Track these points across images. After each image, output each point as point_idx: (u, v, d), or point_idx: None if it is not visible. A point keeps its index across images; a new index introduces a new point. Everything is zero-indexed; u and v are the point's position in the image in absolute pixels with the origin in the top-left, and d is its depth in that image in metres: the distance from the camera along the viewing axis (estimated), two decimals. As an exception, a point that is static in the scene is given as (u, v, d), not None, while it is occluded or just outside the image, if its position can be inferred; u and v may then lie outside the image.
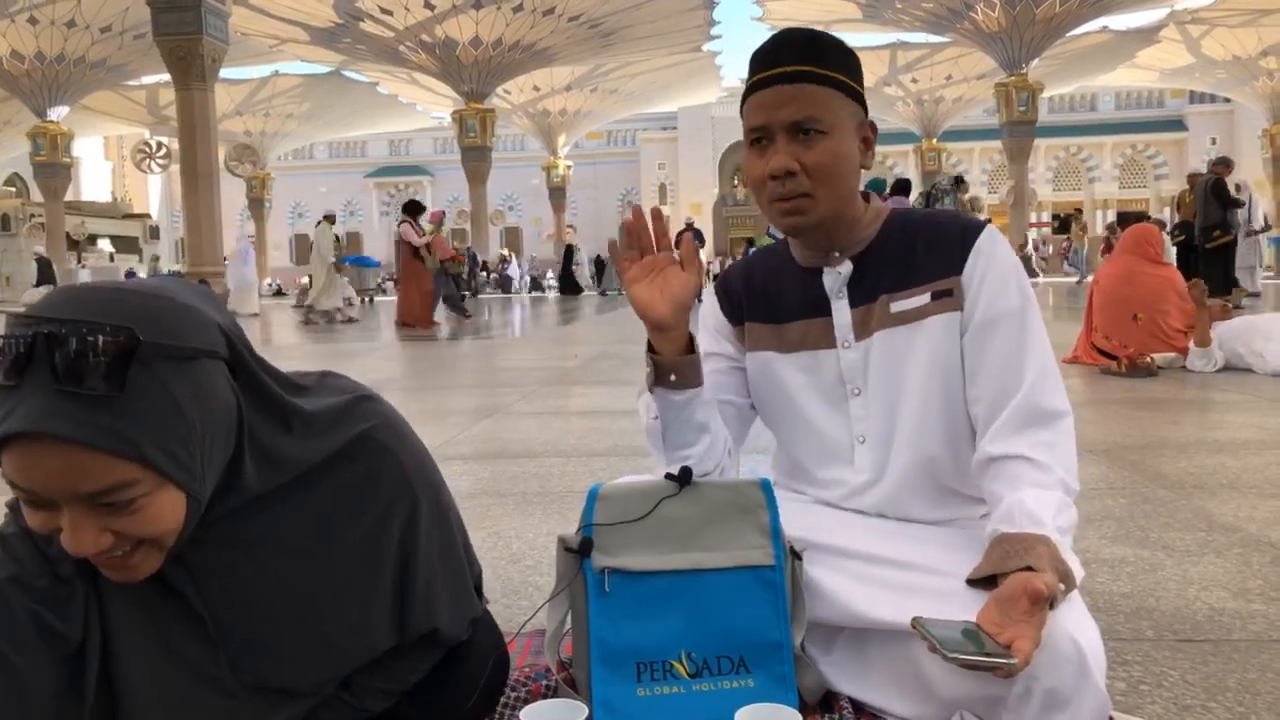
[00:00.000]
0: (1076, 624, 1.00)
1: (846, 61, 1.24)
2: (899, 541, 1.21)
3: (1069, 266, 22.60)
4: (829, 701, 1.24)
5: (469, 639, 1.12)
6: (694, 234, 20.07)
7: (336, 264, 13.78)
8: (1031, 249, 23.72)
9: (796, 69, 1.20)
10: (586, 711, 1.03)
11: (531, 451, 3.49)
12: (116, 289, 0.82)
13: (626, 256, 1.23)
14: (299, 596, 0.95)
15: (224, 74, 21.35)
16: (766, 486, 1.23)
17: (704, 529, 1.21)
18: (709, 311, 1.42)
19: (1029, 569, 1.00)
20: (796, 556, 1.21)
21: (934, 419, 1.24)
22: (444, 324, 12.12)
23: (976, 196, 12.99)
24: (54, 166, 29.36)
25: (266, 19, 26.02)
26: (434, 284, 12.10)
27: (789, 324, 1.33)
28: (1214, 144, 38.84)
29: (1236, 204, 11.02)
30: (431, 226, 12.21)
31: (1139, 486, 2.72)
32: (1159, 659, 1.51)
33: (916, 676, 1.13)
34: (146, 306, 0.80)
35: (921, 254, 1.26)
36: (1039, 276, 23.59)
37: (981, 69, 31.49)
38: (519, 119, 36.49)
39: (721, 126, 42.60)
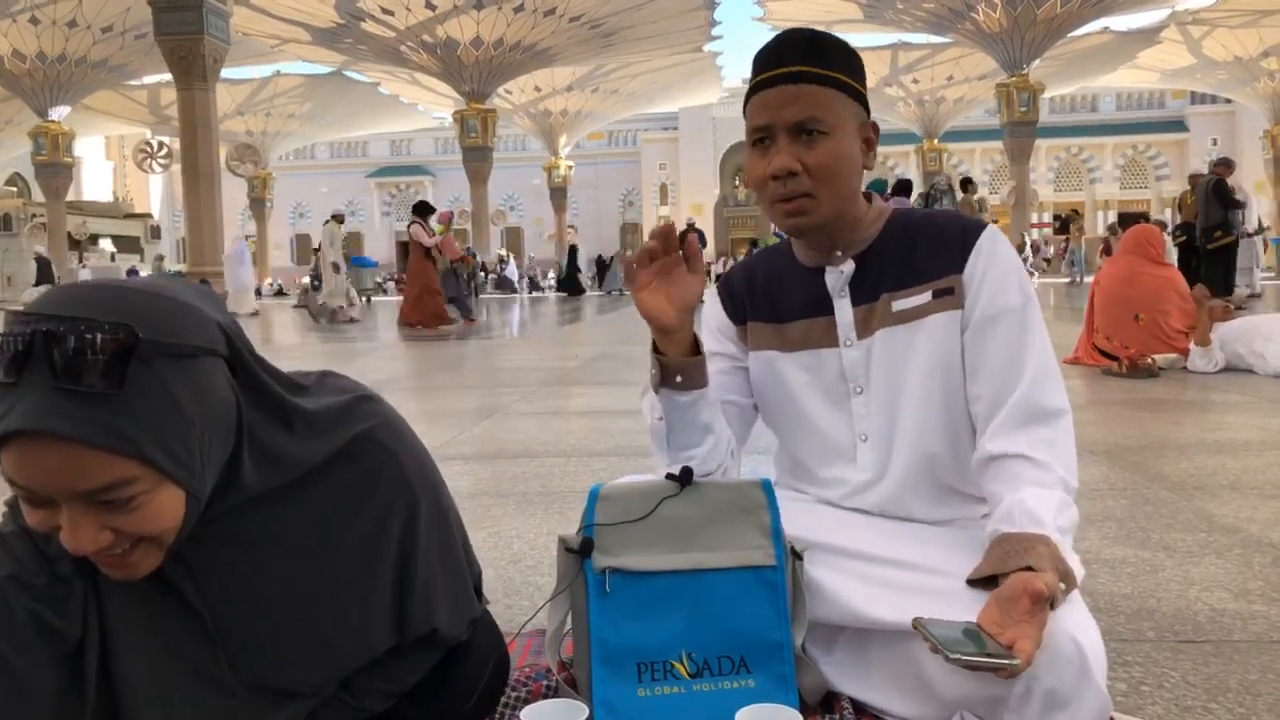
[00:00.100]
0: (1077, 624, 1.00)
1: (849, 62, 1.24)
2: (900, 541, 1.21)
3: (1069, 268, 22.53)
4: (830, 702, 1.23)
5: (469, 639, 1.12)
6: (696, 235, 20.13)
7: (335, 264, 13.79)
8: (1030, 250, 23.56)
9: (799, 69, 1.20)
10: (587, 711, 1.03)
11: (532, 452, 3.48)
12: (116, 287, 0.82)
13: (646, 271, 1.20)
14: (298, 596, 0.95)
15: (225, 74, 21.38)
16: (767, 486, 1.23)
17: (705, 529, 1.21)
18: (711, 312, 1.42)
19: (1029, 569, 1.00)
20: (797, 557, 1.21)
21: (935, 417, 1.24)
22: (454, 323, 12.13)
23: (983, 198, 12.96)
24: (55, 166, 29.38)
25: (268, 19, 26.03)
26: (443, 284, 12.12)
27: (791, 323, 1.33)
28: (1215, 145, 38.83)
29: (1238, 204, 11.01)
30: (441, 227, 12.22)
31: (1140, 487, 2.72)
32: (1160, 660, 1.51)
33: (917, 677, 1.13)
34: (146, 304, 0.80)
35: (923, 253, 1.26)
36: (1034, 277, 23.49)
37: (983, 69, 31.49)
38: (520, 119, 36.50)
39: (723, 127, 42.59)
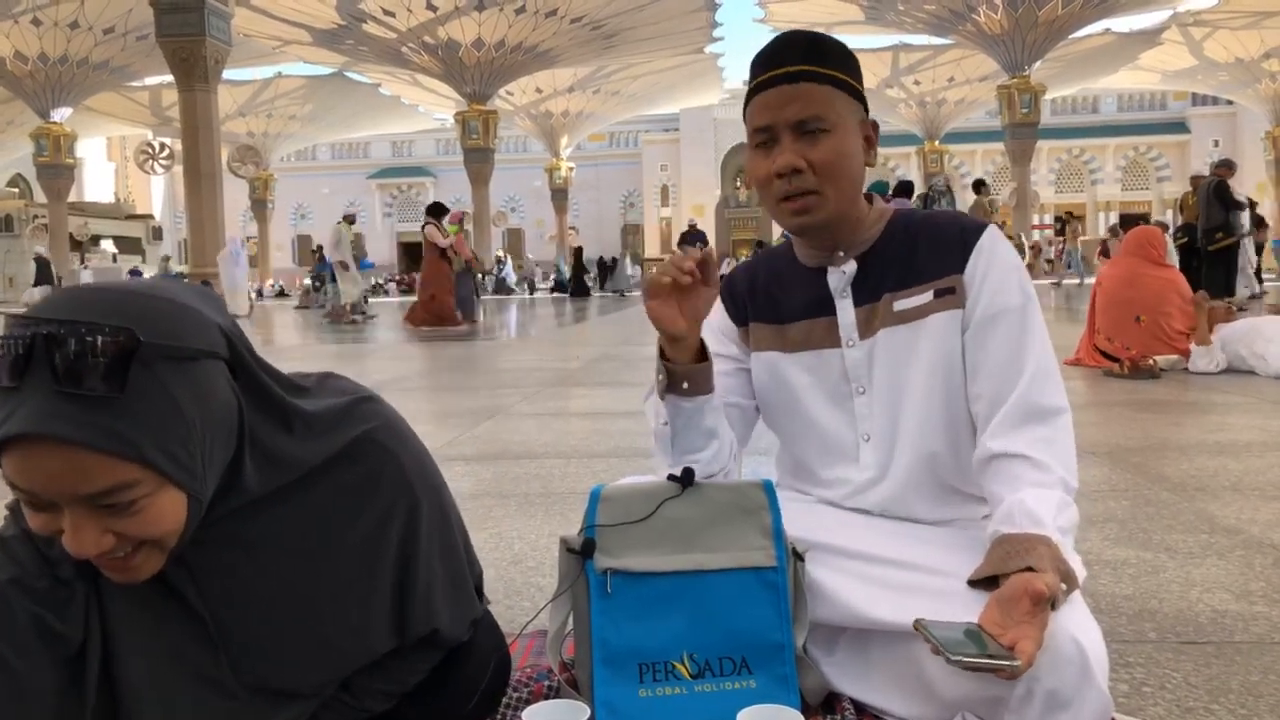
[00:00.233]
0: (1078, 625, 1.00)
1: (847, 62, 1.25)
2: (901, 542, 1.21)
3: (1065, 269, 22.41)
4: (831, 702, 1.23)
5: (470, 640, 1.12)
6: (698, 235, 20.13)
7: (343, 264, 13.77)
8: (1029, 252, 23.37)
9: (800, 69, 1.21)
10: (589, 712, 1.03)
11: (533, 453, 3.48)
12: (117, 290, 0.81)
13: (666, 286, 1.19)
14: (300, 597, 0.95)
15: (227, 75, 21.41)
16: (769, 487, 1.23)
17: (706, 530, 1.21)
18: (713, 313, 1.42)
19: (1030, 570, 1.00)
20: (798, 557, 1.21)
21: (936, 416, 1.24)
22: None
23: (994, 199, 12.94)
24: (57, 167, 29.40)
25: (269, 20, 26.05)
26: (457, 284, 12.12)
27: (793, 324, 1.33)
28: (1216, 146, 38.81)
29: (1239, 206, 11.01)
30: (454, 227, 12.22)
31: (1141, 488, 2.71)
32: (1161, 661, 1.51)
33: (918, 677, 1.13)
34: (146, 307, 0.80)
35: (924, 253, 1.26)
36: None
37: (984, 71, 31.48)
38: (521, 120, 36.50)
39: (724, 128, 42.59)
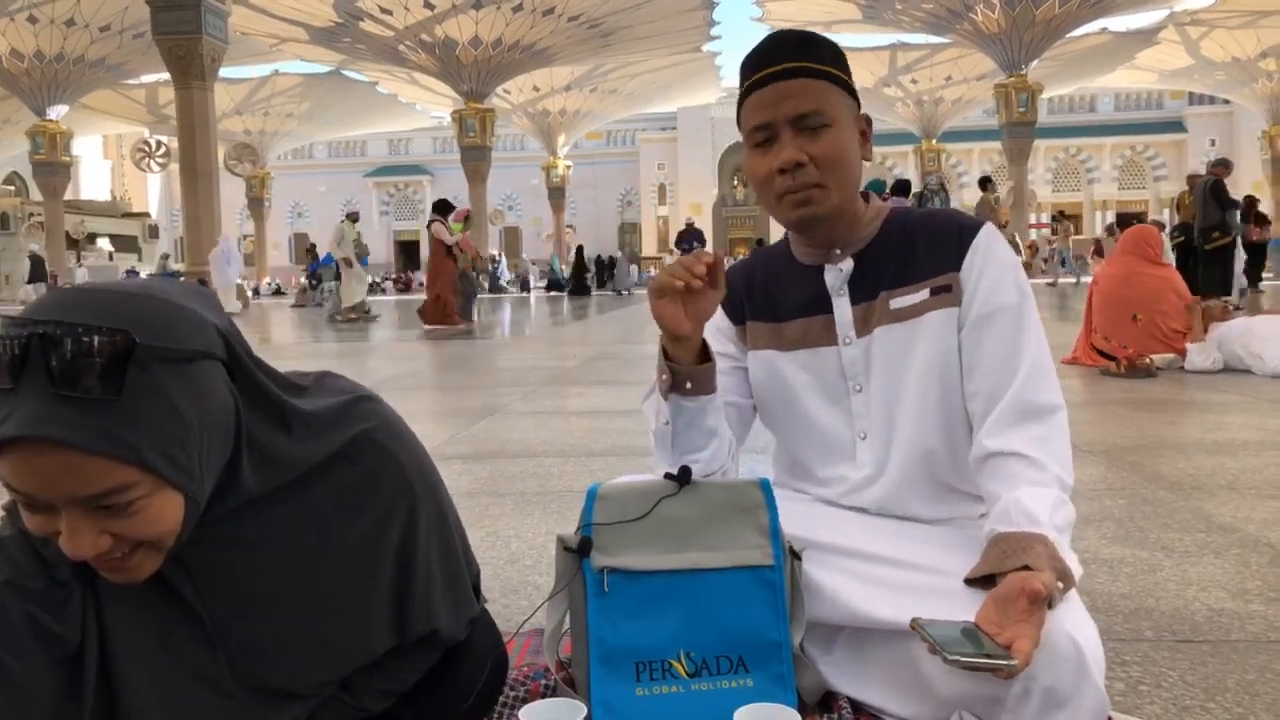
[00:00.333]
0: (1075, 623, 1.00)
1: (839, 58, 1.26)
2: (898, 541, 1.21)
3: (1058, 268, 22.25)
4: (828, 701, 1.24)
5: (467, 639, 1.12)
6: (696, 234, 20.15)
7: (347, 260, 13.73)
8: (1025, 251, 23.18)
9: (797, 65, 1.22)
10: (585, 711, 1.03)
11: (530, 451, 3.48)
12: (113, 291, 0.81)
13: (675, 289, 1.18)
14: (298, 597, 0.95)
15: (223, 73, 21.37)
16: (766, 486, 1.23)
17: (703, 529, 1.21)
18: None
19: (1027, 568, 1.00)
20: (796, 556, 1.21)
21: (932, 414, 1.24)
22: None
23: (1000, 196, 12.91)
24: (53, 165, 29.35)
25: (266, 18, 26.02)
26: (461, 283, 12.11)
27: (789, 322, 1.33)
28: (1213, 145, 38.87)
29: (1235, 205, 11.04)
30: (459, 225, 12.20)
31: (1138, 487, 2.72)
32: (1158, 659, 1.51)
33: (915, 676, 1.13)
34: (143, 308, 0.80)
35: (921, 251, 1.27)
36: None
37: (981, 70, 31.52)
38: (518, 119, 36.48)
39: (721, 127, 42.60)
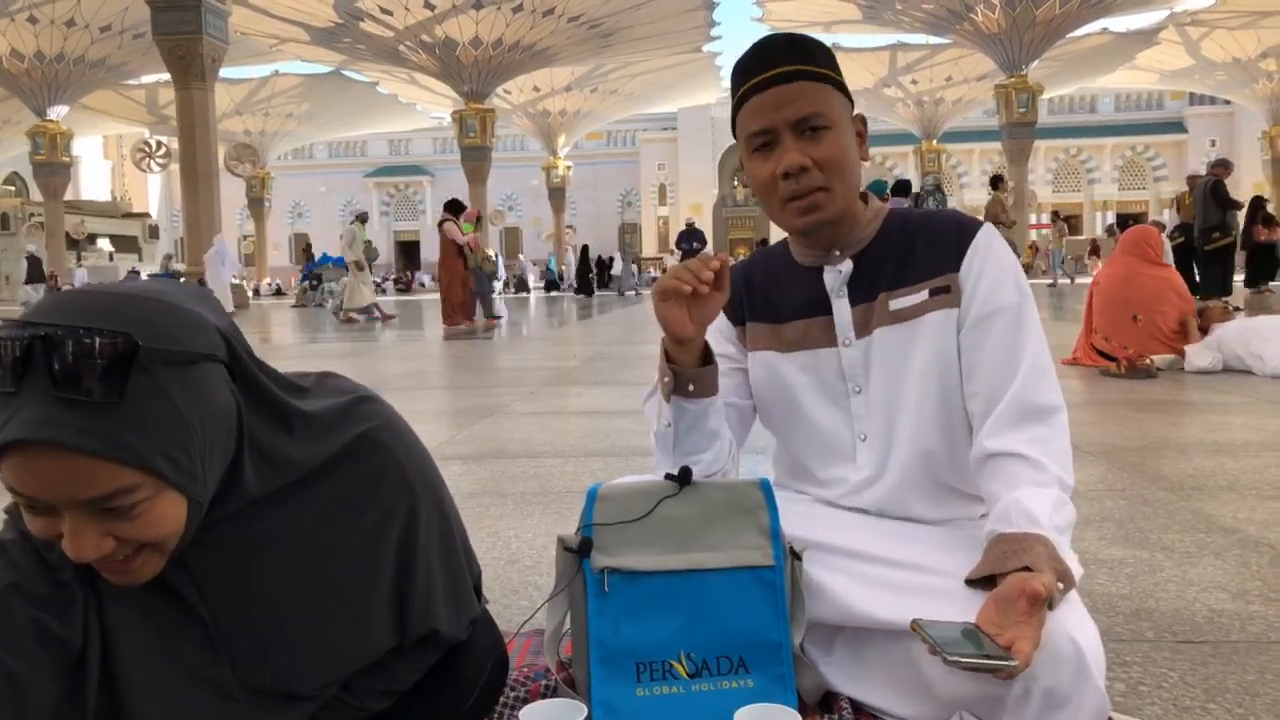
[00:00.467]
0: (1075, 624, 1.00)
1: (832, 60, 1.26)
2: (898, 541, 1.21)
3: (1054, 269, 22.11)
4: (828, 702, 1.24)
5: (468, 639, 1.11)
6: (696, 234, 20.14)
7: (358, 263, 13.71)
8: (1026, 251, 22.99)
9: (795, 68, 1.21)
10: (586, 711, 1.03)
11: (531, 451, 3.48)
12: (114, 293, 0.81)
13: (681, 293, 1.19)
14: (300, 598, 0.95)
15: (224, 73, 21.36)
16: (766, 487, 1.23)
17: (704, 529, 1.21)
18: None
19: (1027, 569, 1.00)
20: (796, 557, 1.21)
21: (932, 415, 1.24)
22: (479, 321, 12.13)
23: (1006, 195, 12.85)
24: (53, 166, 29.36)
25: (266, 18, 26.02)
26: (472, 282, 12.10)
27: (788, 323, 1.33)
28: (1213, 146, 38.90)
29: (1235, 206, 11.04)
30: (469, 225, 12.20)
31: (1138, 488, 2.72)
32: (1158, 660, 1.51)
33: (916, 677, 1.13)
34: (145, 310, 0.79)
35: (920, 252, 1.27)
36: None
37: (981, 70, 31.51)
38: (519, 119, 36.48)
39: (721, 127, 42.55)
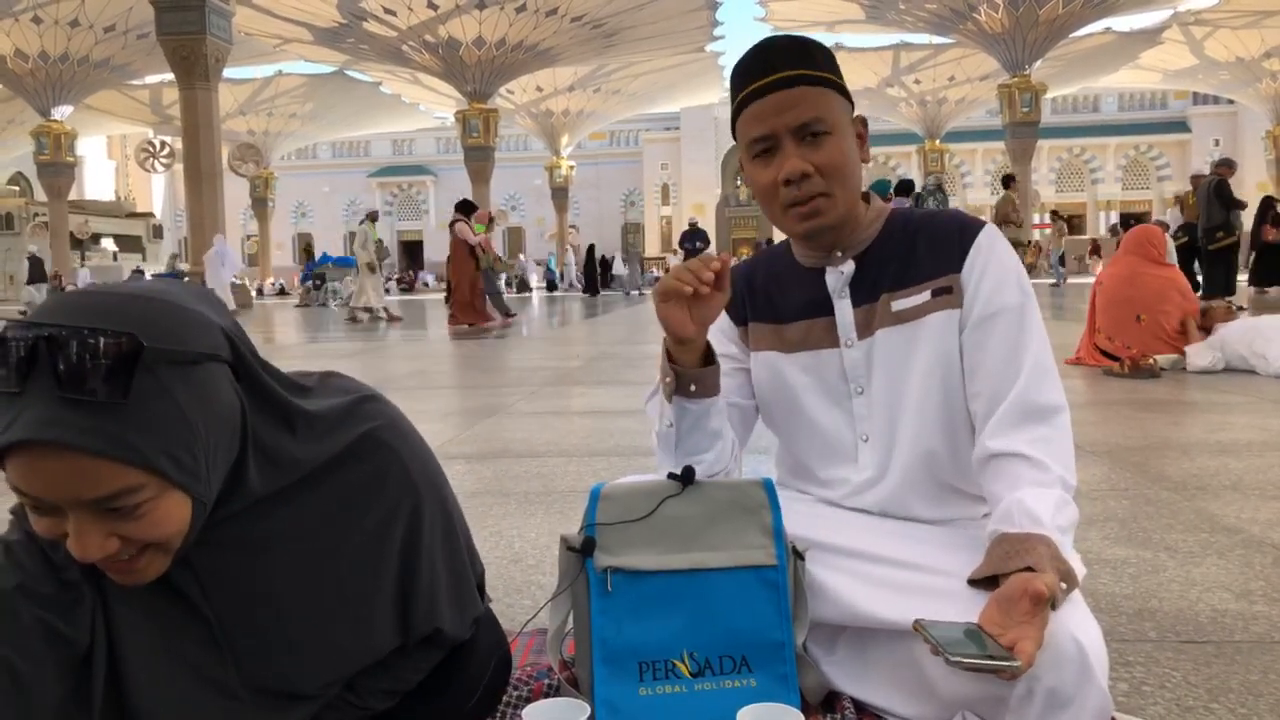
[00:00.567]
0: (1078, 624, 1.00)
1: (832, 62, 1.26)
2: (901, 541, 1.21)
3: (1058, 270, 21.95)
4: (831, 701, 1.24)
5: (471, 638, 1.12)
6: (699, 234, 20.15)
7: (370, 265, 13.67)
8: (1030, 250, 22.76)
9: (794, 73, 1.21)
10: (589, 711, 1.03)
11: (534, 451, 3.49)
12: (118, 293, 0.81)
13: (683, 293, 1.19)
14: (305, 598, 0.95)
15: (227, 73, 21.42)
16: (769, 486, 1.23)
17: (707, 529, 1.21)
18: None
19: (1030, 569, 1.00)
20: (799, 556, 1.21)
21: (934, 416, 1.24)
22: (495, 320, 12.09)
23: (1011, 195, 12.78)
24: (58, 166, 29.39)
25: (270, 19, 26.03)
26: (485, 283, 12.11)
27: (791, 324, 1.33)
28: (1217, 146, 38.81)
29: (1239, 205, 11.02)
30: (481, 226, 12.18)
31: (1141, 488, 2.72)
32: (1161, 660, 1.51)
33: (918, 677, 1.13)
34: (149, 311, 0.80)
35: (922, 252, 1.27)
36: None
37: (984, 70, 31.45)
38: (522, 119, 36.48)
39: (724, 127, 42.41)
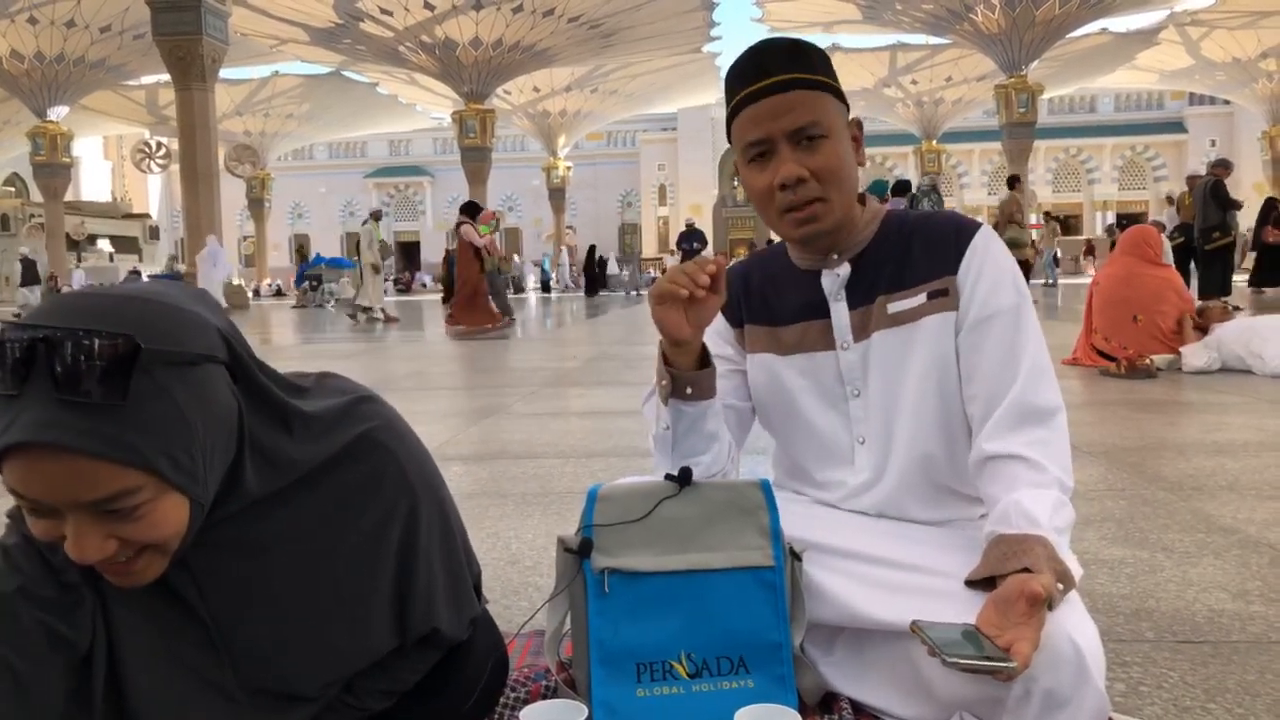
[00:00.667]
0: (1075, 625, 1.00)
1: (828, 65, 1.25)
2: (898, 542, 1.21)
3: (1051, 270, 21.87)
4: (828, 702, 1.24)
5: (468, 639, 1.12)
6: (697, 234, 20.15)
7: (374, 266, 13.62)
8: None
9: (791, 77, 1.20)
10: (586, 712, 1.03)
11: (531, 452, 3.48)
12: (115, 295, 0.81)
13: (678, 296, 1.18)
14: (302, 599, 0.95)
15: (224, 74, 21.38)
16: (766, 487, 1.23)
17: (704, 530, 1.21)
18: None
19: (1027, 571, 1.00)
20: (796, 557, 1.21)
21: (931, 419, 1.24)
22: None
23: (1016, 195, 12.74)
24: (53, 166, 29.33)
25: (266, 19, 26.00)
26: (489, 284, 12.08)
27: (786, 326, 1.33)
28: (1213, 146, 38.85)
29: (1235, 206, 11.04)
30: (485, 227, 12.15)
31: (1138, 488, 2.72)
32: (1158, 660, 1.52)
33: (916, 677, 1.13)
34: (145, 312, 0.80)
35: (917, 254, 1.26)
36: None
37: (981, 70, 31.47)
38: (519, 120, 36.46)
39: (721, 128, 42.07)
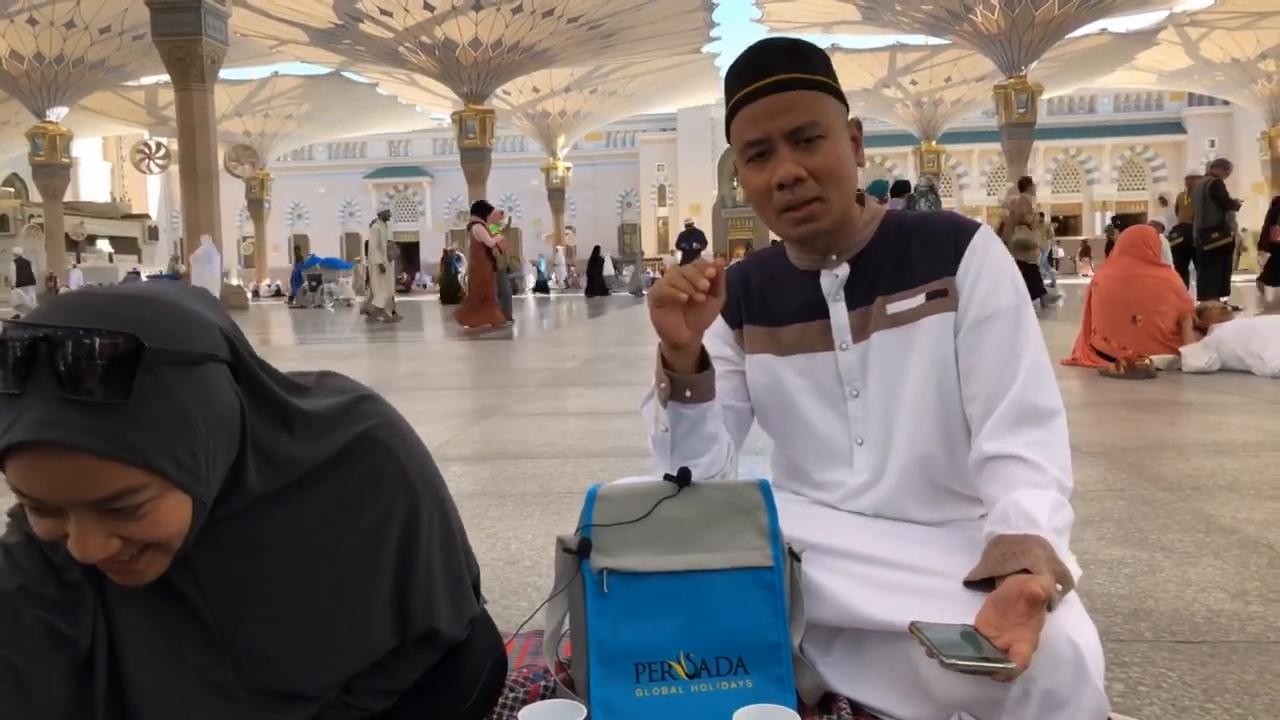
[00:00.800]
0: (1074, 625, 1.00)
1: (827, 65, 1.25)
2: (897, 543, 1.21)
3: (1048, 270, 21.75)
4: (827, 703, 1.24)
5: (467, 639, 1.12)
6: (696, 235, 20.16)
7: (380, 266, 13.58)
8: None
9: (790, 76, 1.20)
10: (585, 712, 1.03)
11: (530, 452, 3.49)
12: (118, 294, 0.81)
13: (677, 300, 1.18)
14: (302, 598, 0.95)
15: (223, 75, 21.37)
16: (765, 488, 1.23)
17: (703, 530, 1.21)
18: None
19: (1025, 571, 1.00)
20: (795, 558, 1.21)
21: (930, 419, 1.24)
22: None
23: (1027, 197, 12.70)
24: (53, 167, 29.33)
25: (266, 20, 26.01)
26: (498, 283, 12.07)
27: (785, 326, 1.33)
28: (1213, 146, 38.86)
29: (1234, 206, 11.04)
30: (495, 226, 12.13)
31: (1137, 488, 2.72)
32: (1157, 660, 1.52)
33: (914, 678, 1.13)
34: (148, 311, 0.80)
35: (916, 254, 1.26)
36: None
37: (981, 71, 31.49)
38: (518, 120, 36.46)
39: (720, 128, 41.39)
